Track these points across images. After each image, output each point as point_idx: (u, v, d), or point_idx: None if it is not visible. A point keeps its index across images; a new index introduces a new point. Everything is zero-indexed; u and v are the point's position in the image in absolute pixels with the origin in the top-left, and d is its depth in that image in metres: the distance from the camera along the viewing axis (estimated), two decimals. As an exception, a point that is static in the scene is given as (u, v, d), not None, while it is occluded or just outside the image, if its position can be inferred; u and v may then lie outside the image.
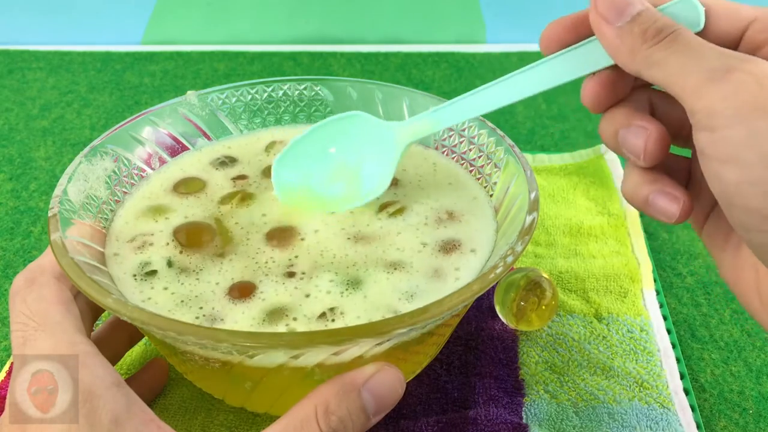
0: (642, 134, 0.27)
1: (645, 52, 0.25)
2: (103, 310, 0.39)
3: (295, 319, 0.30)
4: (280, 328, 0.30)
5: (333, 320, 0.30)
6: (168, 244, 0.35)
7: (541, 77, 0.30)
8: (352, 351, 0.28)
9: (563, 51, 0.29)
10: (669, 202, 0.27)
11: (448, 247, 0.35)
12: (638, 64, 0.26)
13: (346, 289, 0.32)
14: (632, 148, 0.28)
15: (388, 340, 0.29)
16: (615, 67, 0.28)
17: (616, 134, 0.28)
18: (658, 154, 0.27)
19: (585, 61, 0.28)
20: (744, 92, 0.23)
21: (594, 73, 0.28)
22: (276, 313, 0.31)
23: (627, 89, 0.29)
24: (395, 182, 0.39)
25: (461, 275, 0.33)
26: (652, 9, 0.26)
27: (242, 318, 0.31)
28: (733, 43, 0.27)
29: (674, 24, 0.26)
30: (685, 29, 0.25)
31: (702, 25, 0.26)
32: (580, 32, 0.29)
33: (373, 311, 0.31)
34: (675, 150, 0.30)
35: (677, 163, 0.31)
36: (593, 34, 0.28)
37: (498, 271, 0.29)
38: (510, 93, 0.31)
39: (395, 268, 0.33)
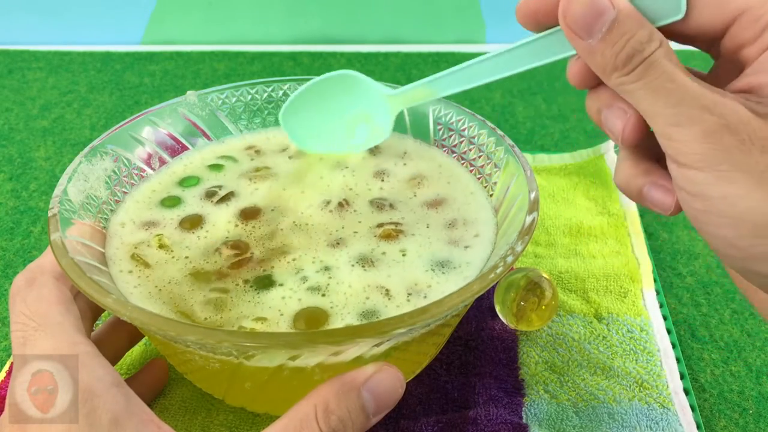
0: (621, 116, 0.27)
1: (616, 79, 0.25)
2: (103, 310, 0.39)
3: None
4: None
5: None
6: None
7: (530, 54, 0.28)
8: (352, 351, 0.28)
9: (551, 31, 0.27)
10: (663, 195, 0.27)
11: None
12: (611, 84, 0.26)
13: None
14: (612, 128, 0.27)
15: (388, 340, 0.29)
16: None
17: (600, 112, 0.28)
18: (635, 137, 0.27)
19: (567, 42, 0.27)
20: (704, 141, 0.24)
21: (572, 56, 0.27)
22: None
23: None
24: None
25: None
26: (623, 20, 0.24)
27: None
28: (717, 36, 0.26)
29: (645, 45, 0.24)
30: (657, 54, 0.24)
31: (683, 13, 0.25)
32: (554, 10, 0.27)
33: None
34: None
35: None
36: None
37: (498, 271, 0.29)
38: (502, 67, 0.29)
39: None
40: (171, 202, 0.38)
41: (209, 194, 0.38)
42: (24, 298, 0.29)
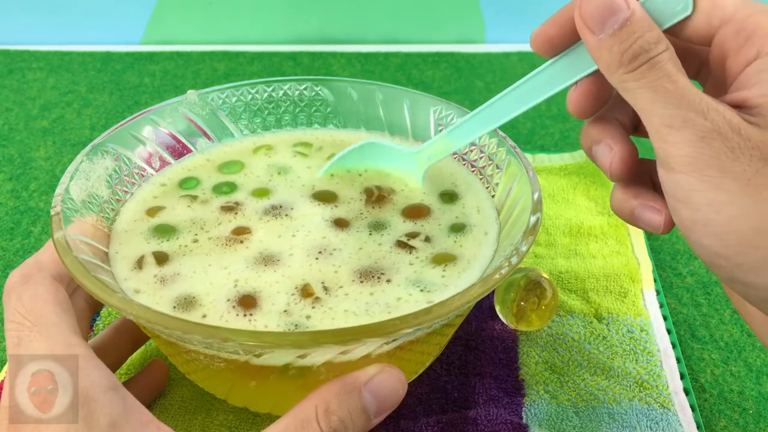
0: (608, 153, 0.29)
1: (620, 76, 0.26)
2: (100, 309, 0.39)
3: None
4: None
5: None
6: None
7: (542, 85, 0.30)
8: (358, 351, 0.28)
9: (560, 56, 0.29)
10: (653, 214, 0.29)
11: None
12: (613, 82, 0.26)
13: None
14: (601, 163, 0.29)
15: (393, 340, 0.29)
16: (597, 74, 0.28)
17: (591, 149, 0.30)
18: (622, 172, 0.29)
19: (580, 63, 0.29)
20: (695, 145, 0.24)
21: (578, 81, 0.29)
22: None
23: (609, 95, 0.29)
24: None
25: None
26: (635, 20, 0.25)
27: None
28: (706, 42, 0.27)
29: (653, 46, 0.25)
30: (663, 56, 0.25)
31: (690, 11, 0.26)
32: (569, 31, 0.28)
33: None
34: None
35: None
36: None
37: (503, 271, 0.29)
38: (515, 105, 0.32)
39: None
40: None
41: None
42: (20, 296, 0.29)
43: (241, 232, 0.35)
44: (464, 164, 0.40)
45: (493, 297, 0.42)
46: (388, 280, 0.32)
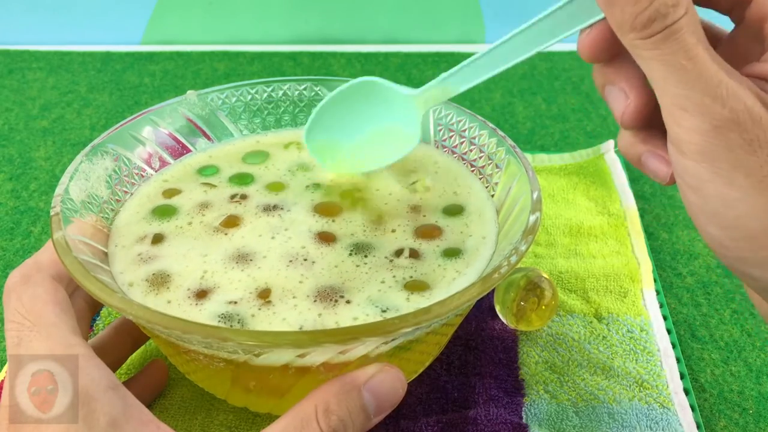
0: (622, 99, 0.26)
1: (632, 41, 0.23)
2: (100, 309, 0.40)
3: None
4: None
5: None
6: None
7: (550, 28, 0.28)
8: (357, 350, 0.28)
9: (561, 4, 0.27)
10: (660, 165, 0.27)
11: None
12: (625, 44, 0.24)
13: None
14: (612, 107, 0.27)
15: (392, 340, 0.29)
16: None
17: (603, 87, 0.27)
18: (635, 122, 0.26)
19: (583, 11, 0.26)
20: (707, 135, 0.22)
21: (593, 24, 0.26)
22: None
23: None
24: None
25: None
26: None
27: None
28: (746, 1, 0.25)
29: (670, 10, 0.22)
30: (681, 23, 0.22)
31: None
32: None
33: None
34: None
35: None
36: None
37: (502, 271, 0.29)
38: (517, 51, 0.29)
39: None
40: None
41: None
42: (19, 296, 0.29)
43: (232, 222, 0.35)
44: (464, 164, 0.40)
45: (493, 297, 0.42)
46: (348, 301, 0.31)
